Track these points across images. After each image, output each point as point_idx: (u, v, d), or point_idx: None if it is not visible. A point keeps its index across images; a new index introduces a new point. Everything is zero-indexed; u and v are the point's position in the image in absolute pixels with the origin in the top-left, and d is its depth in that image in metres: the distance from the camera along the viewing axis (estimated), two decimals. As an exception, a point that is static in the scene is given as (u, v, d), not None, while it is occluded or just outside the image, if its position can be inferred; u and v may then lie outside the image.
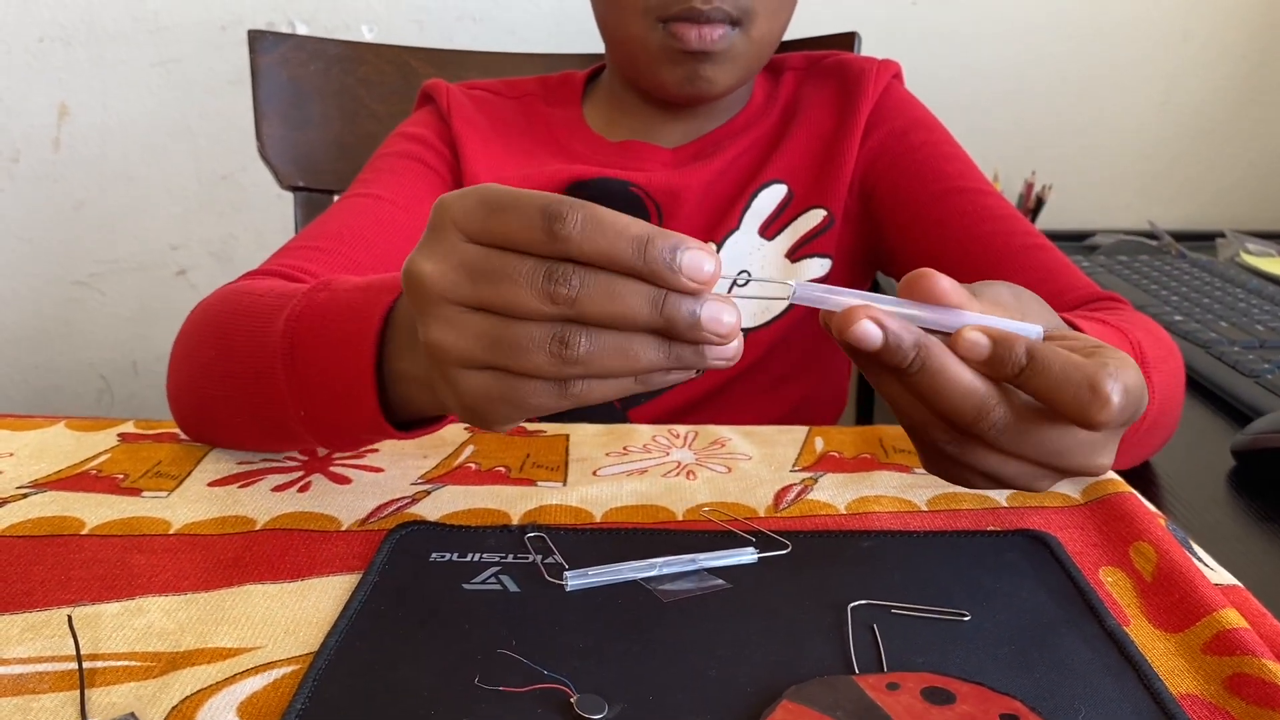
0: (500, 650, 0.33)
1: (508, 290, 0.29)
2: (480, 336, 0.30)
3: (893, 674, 0.31)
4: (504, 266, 0.29)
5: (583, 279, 0.29)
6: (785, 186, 0.65)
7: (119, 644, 0.33)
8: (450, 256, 0.30)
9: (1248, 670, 0.31)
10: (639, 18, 0.59)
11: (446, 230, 0.31)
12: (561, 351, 0.29)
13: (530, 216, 0.29)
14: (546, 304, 0.29)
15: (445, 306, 0.30)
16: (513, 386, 0.30)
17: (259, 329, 0.42)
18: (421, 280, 0.31)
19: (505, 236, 0.30)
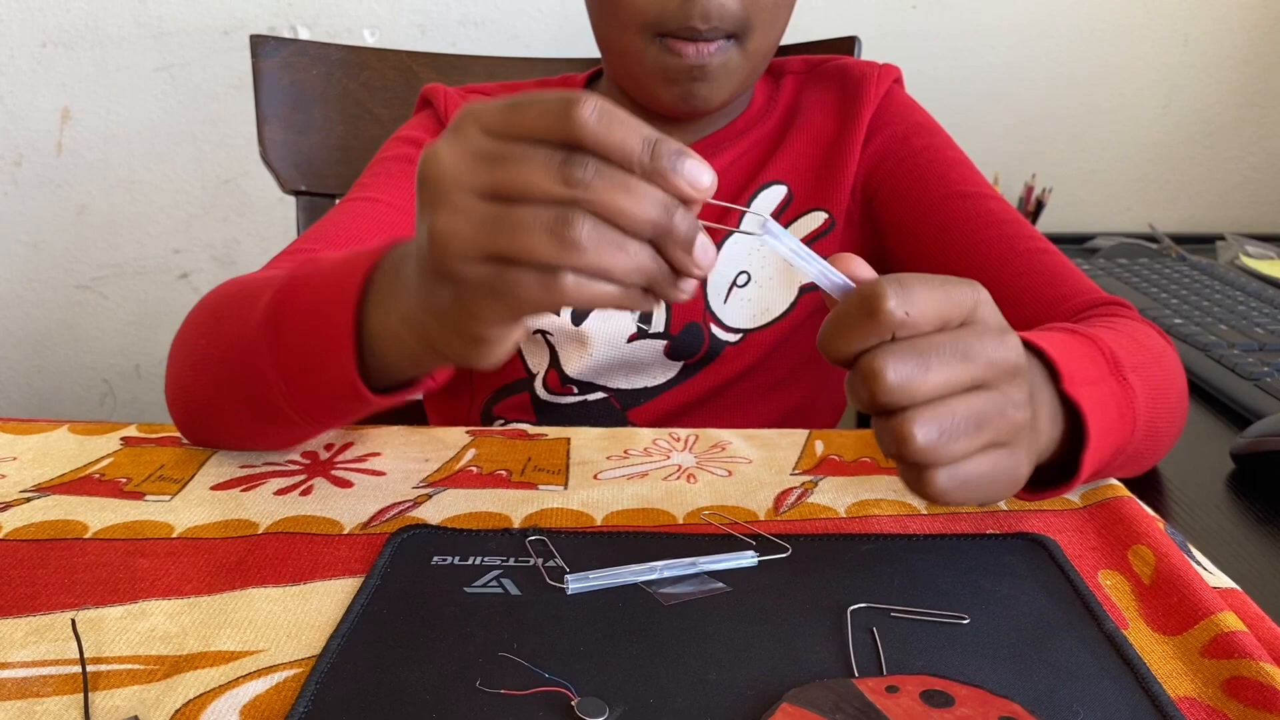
0: (501, 653, 0.33)
1: (522, 172, 0.30)
2: (485, 221, 0.30)
3: (892, 677, 0.31)
4: (521, 151, 0.30)
5: (598, 167, 0.29)
6: (785, 188, 0.65)
7: (122, 647, 0.34)
8: (468, 145, 0.30)
9: (1245, 673, 0.31)
10: (636, 33, 0.59)
11: (466, 125, 0.31)
12: (563, 232, 0.29)
13: (548, 104, 0.30)
14: (558, 185, 0.29)
15: (456, 193, 0.30)
16: (506, 277, 0.30)
17: (246, 309, 0.43)
18: (436, 165, 0.31)
19: (524, 128, 0.30)
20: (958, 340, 0.33)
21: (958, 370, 0.33)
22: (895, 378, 0.32)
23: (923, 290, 0.33)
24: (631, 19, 0.59)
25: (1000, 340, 0.34)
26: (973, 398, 0.33)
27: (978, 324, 0.34)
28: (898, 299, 0.32)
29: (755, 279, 0.65)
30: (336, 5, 1.15)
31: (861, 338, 0.33)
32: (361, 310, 0.38)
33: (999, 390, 0.34)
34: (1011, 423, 0.34)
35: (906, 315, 0.32)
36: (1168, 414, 0.48)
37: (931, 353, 0.33)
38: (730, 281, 0.64)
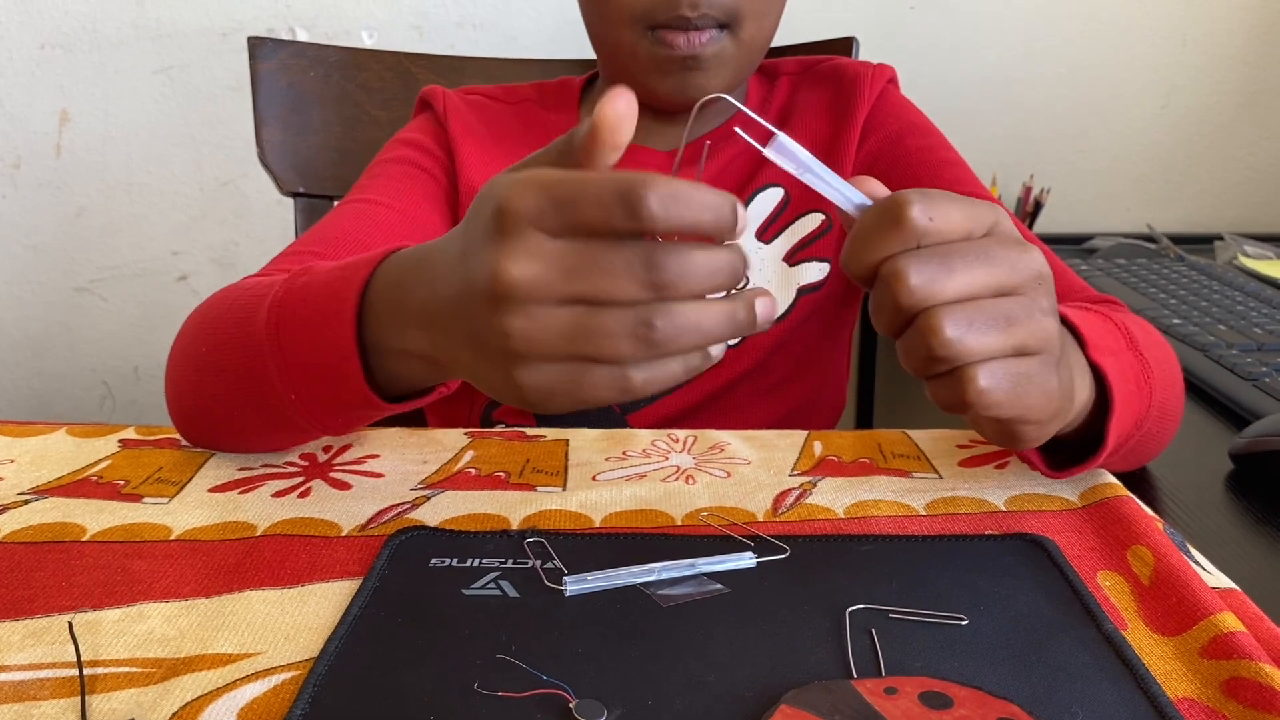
0: (499, 656, 0.33)
1: (605, 282, 0.30)
2: (565, 330, 0.30)
3: (890, 678, 0.31)
4: (599, 259, 0.30)
5: (678, 261, 0.30)
6: (782, 189, 0.65)
7: (120, 650, 0.34)
8: (539, 256, 0.30)
9: (1245, 674, 0.31)
10: (627, 26, 0.59)
11: (524, 230, 0.30)
12: (648, 334, 0.30)
13: (608, 204, 0.29)
14: (644, 291, 0.30)
15: (536, 308, 0.30)
16: (580, 378, 0.31)
17: (245, 319, 0.43)
18: (516, 285, 0.30)
19: (588, 228, 0.30)
20: (983, 246, 0.33)
21: (982, 273, 0.32)
22: (919, 279, 0.32)
23: (946, 201, 0.33)
24: (622, 13, 0.59)
25: (1023, 249, 0.34)
26: (1000, 300, 0.33)
27: (999, 234, 0.34)
28: (922, 206, 0.32)
29: (753, 281, 0.65)
30: (334, 7, 1.15)
31: (886, 245, 0.32)
32: (361, 324, 0.38)
33: (1026, 295, 0.33)
34: (1042, 328, 0.33)
35: (930, 221, 0.32)
36: (1175, 397, 0.48)
37: (955, 255, 0.32)
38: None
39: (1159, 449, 0.50)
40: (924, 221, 0.32)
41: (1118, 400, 0.40)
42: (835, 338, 0.70)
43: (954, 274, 0.32)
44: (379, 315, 0.38)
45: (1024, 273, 0.33)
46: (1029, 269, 0.33)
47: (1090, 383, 0.40)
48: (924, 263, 0.32)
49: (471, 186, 0.65)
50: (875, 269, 0.33)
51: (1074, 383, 0.38)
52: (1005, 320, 0.33)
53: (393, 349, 0.38)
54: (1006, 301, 0.33)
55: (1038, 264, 0.34)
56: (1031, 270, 0.33)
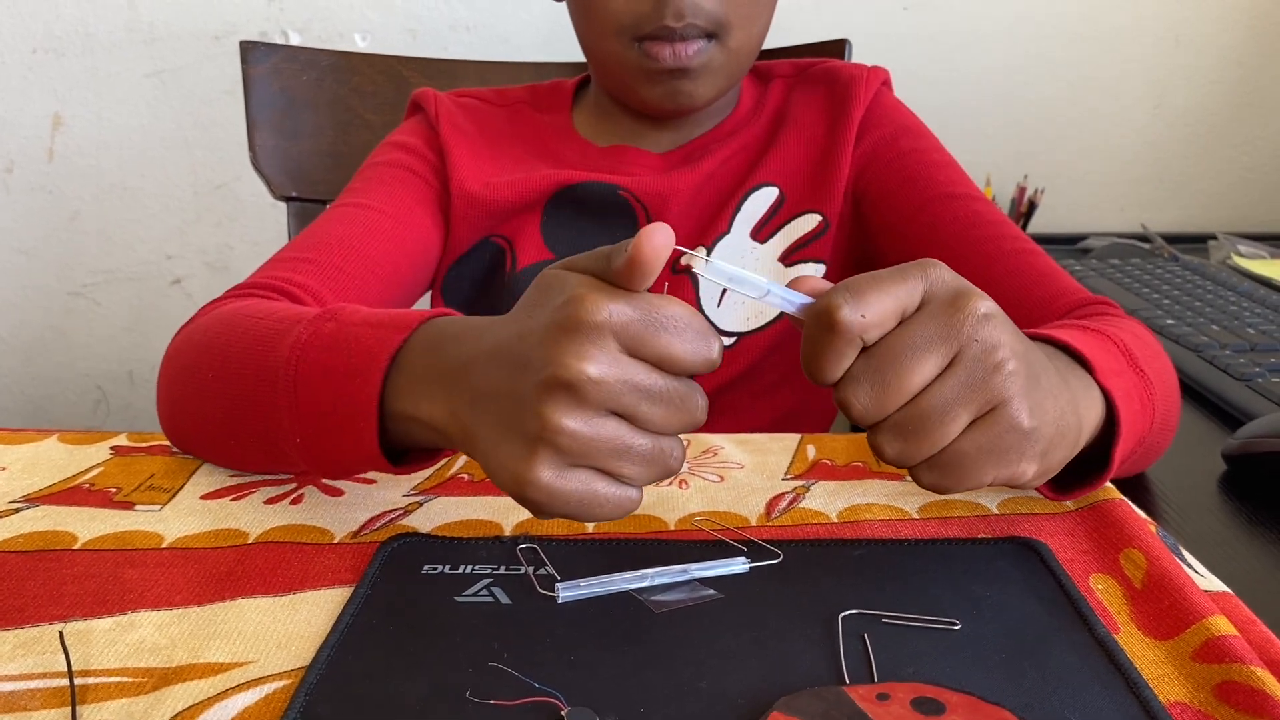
0: (492, 663, 0.33)
1: (660, 410, 0.33)
2: (608, 440, 0.32)
3: (883, 684, 0.31)
4: (663, 387, 0.33)
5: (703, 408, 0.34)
6: (777, 189, 0.65)
7: (111, 660, 0.33)
8: (616, 368, 0.32)
9: (1236, 678, 0.31)
10: (614, 38, 0.59)
11: (604, 335, 0.32)
12: (666, 462, 0.34)
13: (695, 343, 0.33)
14: (684, 428, 0.33)
15: (591, 410, 0.32)
16: (595, 487, 0.33)
17: (262, 354, 0.42)
18: (586, 383, 0.31)
19: (663, 359, 0.33)
20: (915, 335, 0.33)
21: (919, 368, 0.33)
22: (861, 406, 0.34)
23: (873, 290, 0.33)
24: (609, 24, 0.59)
25: (956, 308, 0.33)
26: (940, 387, 0.33)
27: (931, 302, 0.34)
28: (851, 306, 0.33)
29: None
30: (327, 10, 1.15)
31: (835, 357, 0.33)
32: (387, 387, 0.38)
33: (970, 358, 0.33)
34: (988, 387, 0.33)
35: (864, 318, 0.33)
36: (1174, 407, 0.49)
37: (888, 365, 0.33)
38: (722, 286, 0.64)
39: (1156, 458, 0.50)
40: (857, 320, 0.33)
41: (1124, 423, 0.40)
42: None
43: (888, 388, 0.33)
44: (402, 380, 0.38)
45: (964, 335, 0.33)
46: (968, 329, 0.33)
47: (1100, 407, 0.40)
48: (859, 386, 0.33)
49: (463, 189, 0.64)
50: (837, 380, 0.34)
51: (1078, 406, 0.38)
52: (943, 411, 0.33)
53: (405, 414, 0.38)
54: (947, 385, 0.33)
55: (976, 316, 0.33)
56: (970, 328, 0.33)
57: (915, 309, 0.34)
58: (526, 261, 0.65)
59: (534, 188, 0.64)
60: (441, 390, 0.36)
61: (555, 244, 0.65)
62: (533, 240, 0.65)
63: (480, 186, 0.64)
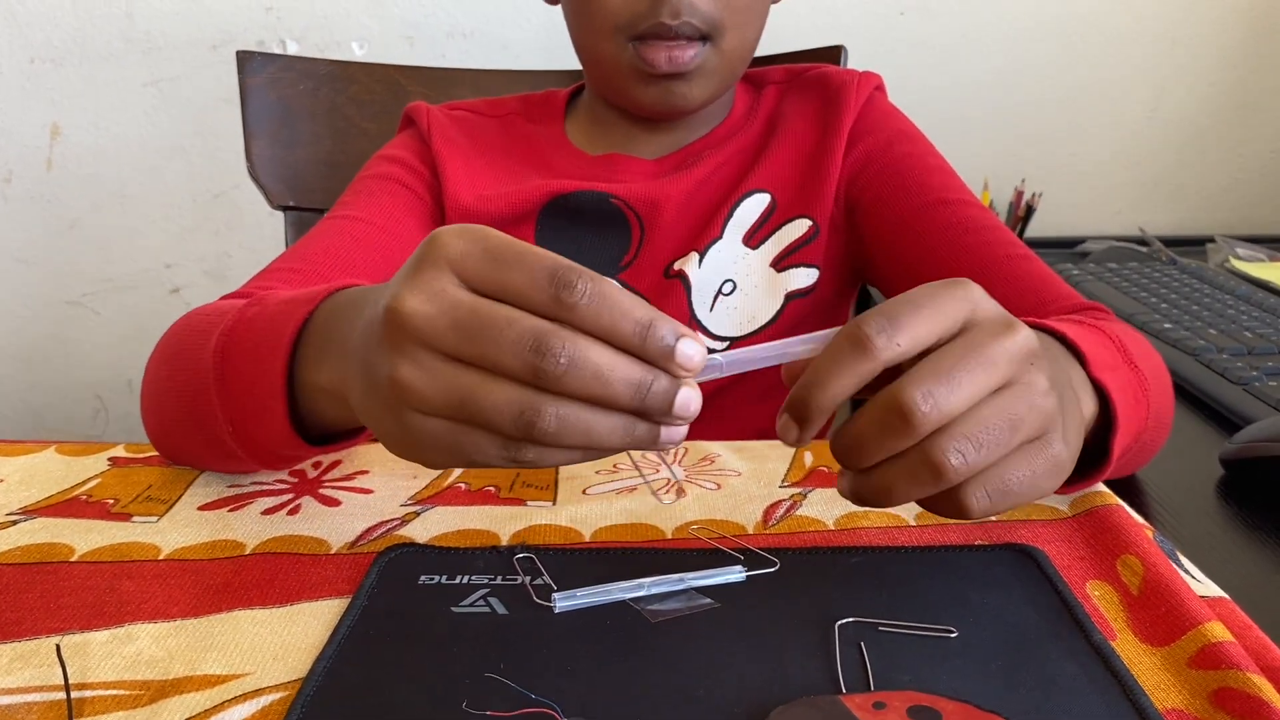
0: (488, 674, 0.33)
1: (493, 351, 0.28)
2: (450, 389, 0.29)
3: (879, 693, 0.31)
4: (496, 326, 0.28)
5: (572, 356, 0.28)
6: (768, 196, 0.65)
7: (107, 672, 0.33)
8: (440, 300, 0.29)
9: (1233, 684, 0.31)
10: (609, 38, 0.60)
11: (440, 269, 0.29)
12: (532, 420, 0.29)
13: (537, 277, 0.29)
14: (529, 375, 0.28)
15: (422, 351, 0.29)
16: (462, 440, 0.29)
17: (198, 345, 0.43)
18: (404, 318, 0.29)
19: (504, 290, 0.29)
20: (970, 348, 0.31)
21: (983, 379, 0.30)
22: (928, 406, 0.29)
23: (909, 313, 0.31)
24: (605, 24, 0.59)
25: (1011, 331, 0.31)
26: (1001, 400, 0.31)
27: (980, 324, 0.32)
28: (888, 335, 0.30)
29: (740, 287, 0.65)
30: (325, 18, 1.15)
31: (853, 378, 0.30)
32: (293, 361, 0.38)
33: (1022, 383, 0.32)
34: (1042, 413, 0.32)
35: (899, 347, 0.30)
36: (1167, 406, 0.49)
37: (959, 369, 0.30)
38: (716, 290, 0.65)
39: (1150, 457, 0.50)
40: (892, 350, 0.30)
41: (1121, 416, 0.40)
42: None
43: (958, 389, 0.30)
44: (306, 350, 0.37)
45: (1017, 360, 0.31)
46: (1021, 354, 0.31)
47: (1094, 400, 0.40)
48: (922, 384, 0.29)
49: (456, 202, 0.65)
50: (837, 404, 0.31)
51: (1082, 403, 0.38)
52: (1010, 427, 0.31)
53: (311, 383, 0.37)
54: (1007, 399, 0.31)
55: (1026, 343, 0.32)
56: (1024, 354, 0.31)
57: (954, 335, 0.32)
58: None
59: (527, 198, 0.65)
60: (336, 354, 0.35)
61: None
62: None
63: (473, 199, 0.65)
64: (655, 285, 0.65)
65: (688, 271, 0.64)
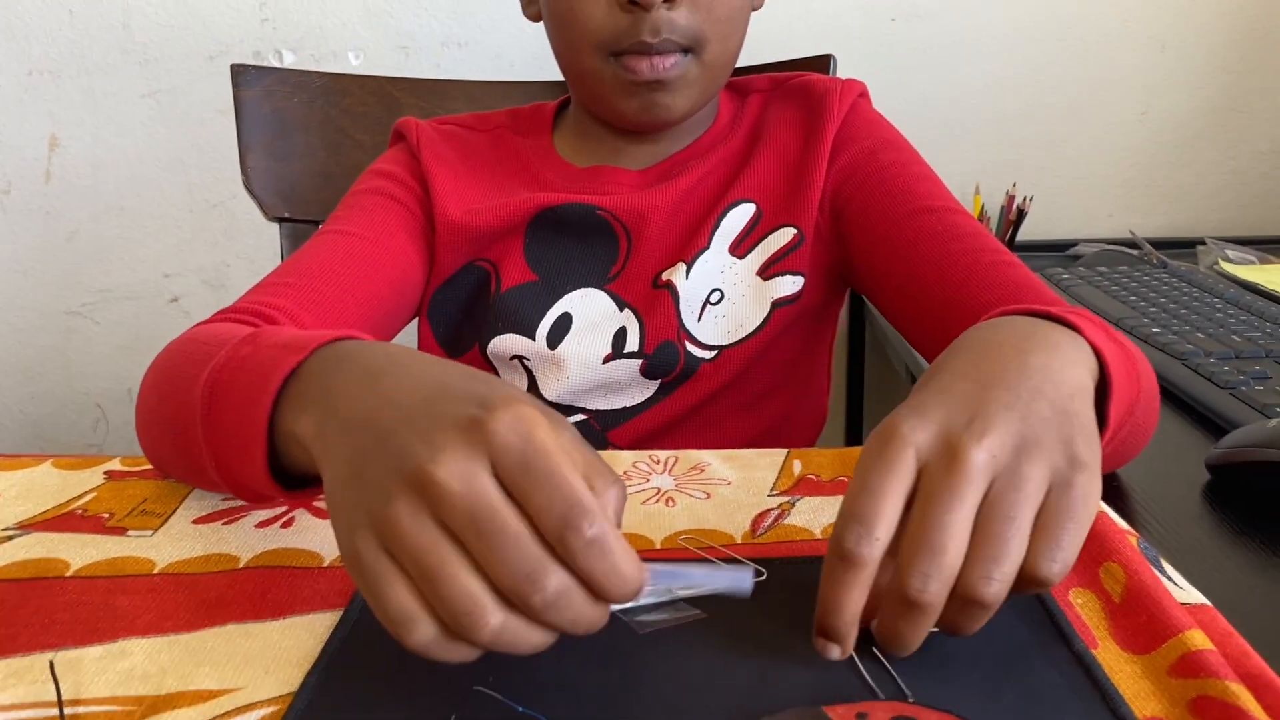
0: (477, 687, 0.33)
1: (493, 558, 0.29)
2: (428, 555, 0.29)
3: (862, 704, 0.32)
4: (505, 540, 0.29)
5: (557, 598, 0.29)
6: (754, 205, 0.66)
7: (101, 688, 0.34)
8: (470, 486, 0.29)
9: (1211, 692, 0.31)
10: (591, 53, 0.60)
11: (481, 454, 0.30)
12: (473, 628, 0.29)
13: (553, 507, 0.29)
14: (512, 592, 0.29)
15: (428, 515, 0.30)
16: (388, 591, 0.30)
17: (189, 378, 0.43)
18: (432, 486, 0.29)
19: (524, 500, 0.30)
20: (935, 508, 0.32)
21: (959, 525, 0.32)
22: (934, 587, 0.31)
23: (872, 506, 0.32)
24: (587, 41, 0.60)
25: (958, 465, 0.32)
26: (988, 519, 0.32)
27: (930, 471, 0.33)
28: (864, 539, 0.32)
29: (728, 296, 0.65)
30: (320, 29, 1.16)
31: (863, 589, 0.33)
32: (279, 407, 0.37)
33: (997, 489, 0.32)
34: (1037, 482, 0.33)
35: (880, 540, 0.32)
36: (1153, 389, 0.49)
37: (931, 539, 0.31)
38: (703, 300, 0.65)
39: (1138, 447, 0.51)
40: (877, 548, 0.32)
41: (1115, 383, 0.40)
42: (813, 351, 0.71)
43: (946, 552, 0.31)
44: (290, 397, 0.37)
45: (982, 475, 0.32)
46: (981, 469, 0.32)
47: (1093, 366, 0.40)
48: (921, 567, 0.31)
49: (445, 216, 0.65)
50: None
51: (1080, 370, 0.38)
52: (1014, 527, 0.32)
53: (287, 430, 0.37)
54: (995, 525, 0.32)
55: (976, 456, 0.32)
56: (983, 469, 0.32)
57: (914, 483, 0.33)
58: (510, 283, 0.66)
59: (515, 211, 0.65)
60: (320, 407, 0.35)
61: (538, 265, 0.66)
62: (516, 263, 0.66)
63: (462, 213, 0.65)
64: (643, 296, 0.65)
65: (675, 282, 0.65)
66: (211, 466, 0.41)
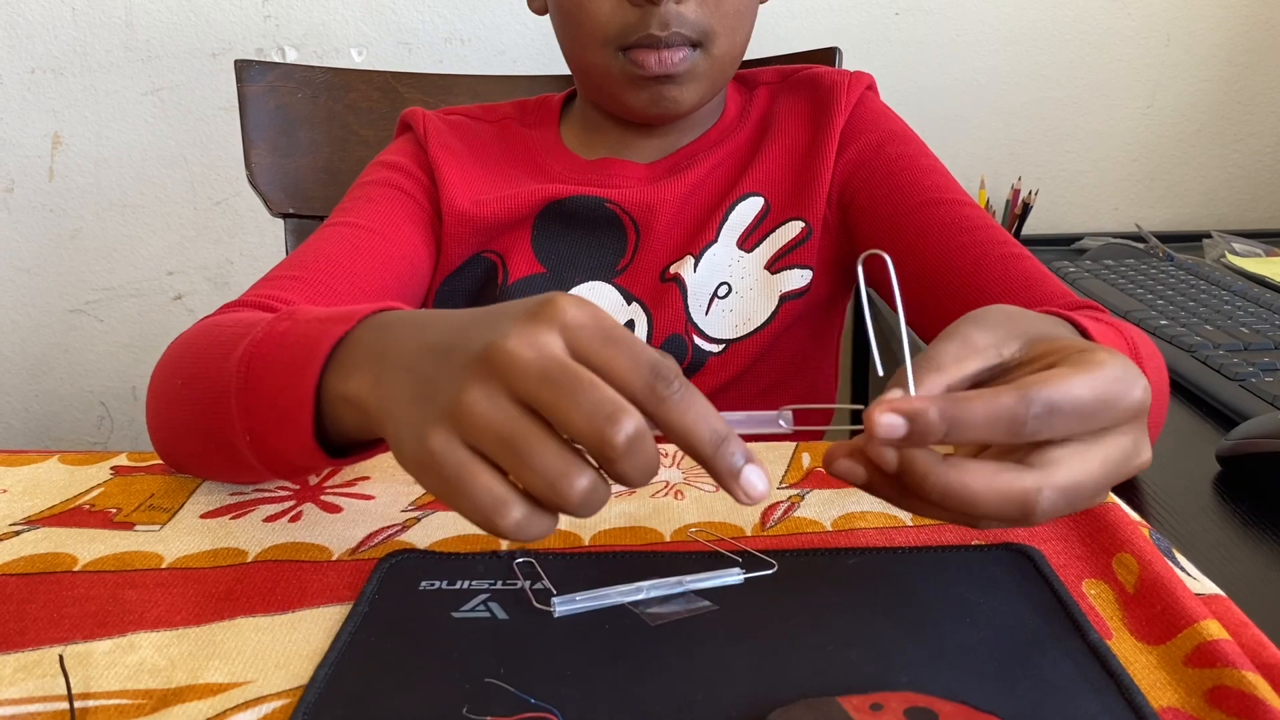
0: (488, 679, 0.33)
1: (567, 405, 0.29)
2: (508, 428, 0.29)
3: (876, 694, 0.32)
4: (581, 386, 0.29)
5: (635, 439, 0.29)
6: (762, 199, 0.65)
7: (111, 682, 0.34)
8: (541, 351, 0.30)
9: (1228, 682, 0.31)
10: (599, 47, 0.60)
11: (552, 328, 0.30)
12: (562, 495, 0.29)
13: (640, 363, 0.30)
14: (590, 438, 0.29)
15: (502, 389, 0.30)
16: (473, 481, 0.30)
17: (221, 355, 0.43)
18: (502, 355, 0.30)
19: (606, 366, 0.30)
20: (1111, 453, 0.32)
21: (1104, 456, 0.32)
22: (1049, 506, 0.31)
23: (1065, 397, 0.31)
24: (595, 35, 0.60)
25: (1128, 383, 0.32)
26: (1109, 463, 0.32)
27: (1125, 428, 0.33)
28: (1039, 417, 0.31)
29: (736, 289, 0.65)
30: (323, 26, 1.16)
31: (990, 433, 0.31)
32: (325, 374, 0.38)
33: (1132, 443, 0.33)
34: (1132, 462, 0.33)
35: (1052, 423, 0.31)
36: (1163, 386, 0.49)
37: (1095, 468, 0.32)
38: (711, 293, 0.65)
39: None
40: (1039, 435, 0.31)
41: None
42: (821, 343, 0.71)
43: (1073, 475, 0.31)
44: (339, 364, 0.38)
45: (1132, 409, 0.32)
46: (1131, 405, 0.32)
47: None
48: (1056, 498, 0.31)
49: (452, 206, 0.65)
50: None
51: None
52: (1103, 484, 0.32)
53: (336, 393, 0.37)
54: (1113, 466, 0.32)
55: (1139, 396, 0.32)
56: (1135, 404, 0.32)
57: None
58: (518, 275, 0.66)
59: (523, 203, 0.65)
60: (371, 364, 0.36)
61: (546, 257, 0.66)
62: (524, 254, 0.66)
63: (469, 203, 0.65)
64: (651, 289, 0.65)
65: (683, 275, 0.64)
66: (246, 443, 0.41)
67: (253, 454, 0.42)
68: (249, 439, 0.41)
